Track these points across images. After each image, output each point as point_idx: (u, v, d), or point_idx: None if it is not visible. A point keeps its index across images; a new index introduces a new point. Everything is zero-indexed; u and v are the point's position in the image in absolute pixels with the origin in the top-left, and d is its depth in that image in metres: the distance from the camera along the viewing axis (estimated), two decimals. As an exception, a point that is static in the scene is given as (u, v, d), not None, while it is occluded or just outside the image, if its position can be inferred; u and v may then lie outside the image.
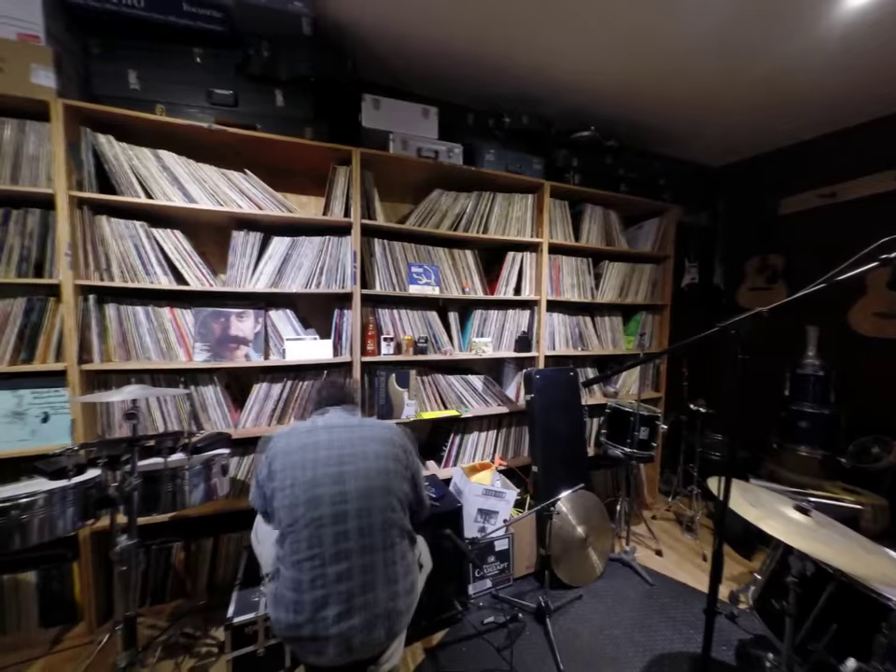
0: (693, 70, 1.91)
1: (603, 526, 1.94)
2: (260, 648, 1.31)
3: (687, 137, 2.62)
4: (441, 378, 2.05)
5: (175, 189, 1.55)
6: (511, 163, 2.06)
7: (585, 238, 2.32)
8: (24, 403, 1.43)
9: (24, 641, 1.46)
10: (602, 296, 2.40)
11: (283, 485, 0.99)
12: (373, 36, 1.74)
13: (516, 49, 1.80)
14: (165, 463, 1.28)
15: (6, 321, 1.40)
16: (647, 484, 2.64)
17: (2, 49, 1.29)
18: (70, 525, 1.16)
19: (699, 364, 2.88)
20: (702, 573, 1.96)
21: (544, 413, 2.00)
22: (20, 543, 1.07)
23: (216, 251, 1.78)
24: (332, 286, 1.79)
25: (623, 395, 2.51)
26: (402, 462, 1.10)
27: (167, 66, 1.52)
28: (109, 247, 1.50)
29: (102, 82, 1.47)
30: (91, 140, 1.44)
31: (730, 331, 0.94)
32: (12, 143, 1.36)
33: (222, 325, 1.66)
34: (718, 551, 0.94)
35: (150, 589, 1.62)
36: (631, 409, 2.08)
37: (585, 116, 2.30)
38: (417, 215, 1.93)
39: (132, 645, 1.16)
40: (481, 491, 1.79)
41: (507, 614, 1.61)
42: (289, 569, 0.95)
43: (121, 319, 1.55)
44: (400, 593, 0.99)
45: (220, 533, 1.72)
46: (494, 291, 2.14)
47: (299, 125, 1.66)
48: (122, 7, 1.42)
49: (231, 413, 1.71)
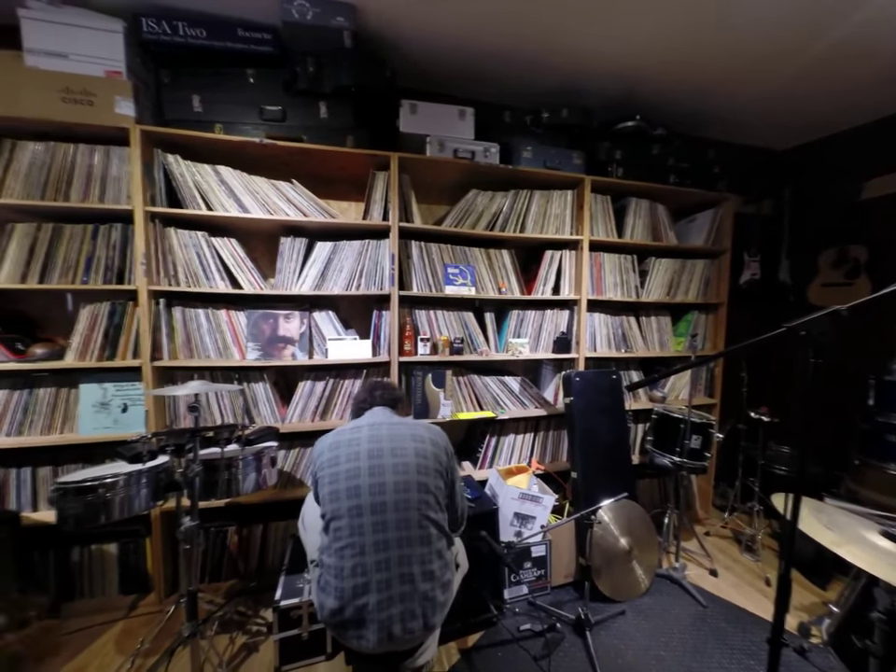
0: (755, 41, 1.73)
1: (649, 539, 1.82)
2: (304, 632, 1.39)
3: (747, 119, 2.40)
4: (477, 379, 2.04)
5: (231, 200, 1.68)
6: (549, 159, 2.01)
7: (630, 234, 2.20)
8: (108, 395, 1.62)
9: (107, 605, 1.65)
10: (648, 295, 2.27)
11: (327, 476, 1.05)
12: (410, 42, 1.78)
13: (554, 38, 1.74)
14: (222, 453, 1.39)
15: (95, 323, 1.59)
16: (699, 497, 2.45)
17: (93, 85, 1.47)
18: (144, 505, 1.30)
19: (761, 368, 2.62)
20: (765, 599, 1.78)
21: (584, 416, 1.93)
22: (105, 518, 1.22)
23: (265, 256, 1.91)
24: (371, 287, 1.84)
25: (671, 400, 2.35)
26: (443, 465, 1.11)
27: (225, 89, 1.66)
28: (176, 256, 1.66)
29: (171, 108, 1.64)
30: (161, 160, 1.60)
31: (800, 332, 0.85)
32: (100, 166, 1.56)
33: (271, 326, 1.78)
34: (785, 575, 0.85)
35: (209, 568, 1.77)
36: (681, 415, 1.94)
37: (630, 105, 2.18)
38: (453, 216, 1.94)
39: (194, 617, 1.28)
40: (517, 495, 1.75)
41: (544, 623, 1.56)
42: (332, 557, 1.00)
43: (186, 321, 1.71)
44: (437, 588, 1.01)
45: (269, 521, 1.83)
46: (531, 291, 2.09)
47: (341, 134, 1.74)
48: (188, 39, 1.58)
49: (278, 408, 1.82)
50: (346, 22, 1.60)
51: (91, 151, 1.55)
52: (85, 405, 1.60)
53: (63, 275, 1.55)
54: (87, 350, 1.59)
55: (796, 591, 1.80)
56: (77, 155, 1.54)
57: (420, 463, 1.07)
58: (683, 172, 2.23)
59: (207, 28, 1.58)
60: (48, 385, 1.60)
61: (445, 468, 1.12)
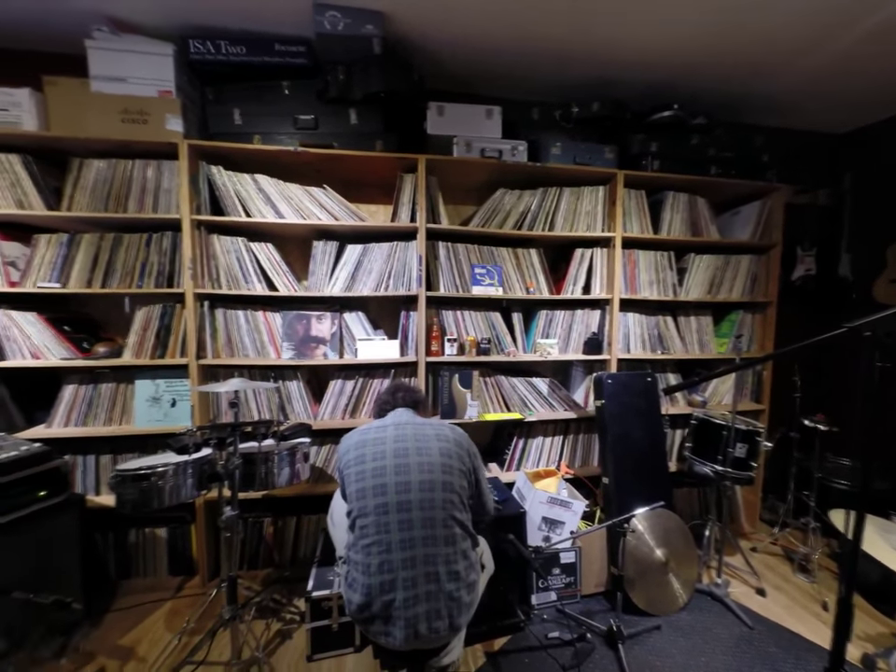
0: (807, 10, 1.59)
1: (687, 552, 1.72)
2: (335, 623, 1.43)
3: (801, 102, 2.21)
4: (505, 380, 2.02)
5: (268, 207, 1.76)
6: (579, 155, 1.95)
7: (666, 229, 2.10)
8: (160, 390, 1.75)
9: (158, 584, 1.78)
10: (686, 293, 2.14)
11: (353, 474, 1.07)
12: (437, 44, 1.79)
13: (586, 29, 1.69)
14: (259, 447, 1.47)
15: (148, 323, 1.73)
16: (745, 510, 2.28)
17: (147, 105, 1.60)
18: (190, 493, 1.40)
19: (817, 372, 2.41)
20: (821, 625, 1.63)
21: (617, 420, 1.85)
22: (157, 504, 1.32)
23: (299, 260, 1.99)
24: (399, 288, 1.87)
25: (712, 405, 2.21)
26: (467, 465, 1.12)
27: (262, 101, 1.74)
28: (219, 261, 1.77)
29: (215, 122, 1.75)
30: (206, 171, 1.71)
31: (864, 333, 0.77)
32: (153, 179, 1.69)
33: (304, 326, 1.85)
34: (846, 600, 0.77)
35: (247, 556, 1.87)
36: (724, 421, 1.82)
37: (666, 94, 2.08)
38: (481, 216, 1.93)
39: (233, 601, 1.35)
40: (546, 499, 1.72)
41: (574, 632, 1.52)
42: (359, 553, 1.02)
43: (227, 322, 1.82)
44: (462, 588, 1.01)
45: (302, 514, 1.91)
46: (560, 291, 2.04)
47: (370, 139, 1.78)
48: (230, 56, 1.68)
49: (311, 406, 1.89)
50: (375, 30, 1.64)
51: (145, 166, 1.68)
52: (140, 399, 1.74)
53: (122, 280, 1.69)
54: (141, 348, 1.73)
55: (859, 618, 1.64)
56: (134, 170, 1.67)
57: (444, 462, 1.07)
58: (726, 162, 2.10)
59: (247, 45, 1.67)
60: (108, 381, 1.75)
61: (469, 467, 1.13)
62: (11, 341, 1.65)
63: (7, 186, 1.59)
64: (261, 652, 1.39)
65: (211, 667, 1.38)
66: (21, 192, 1.60)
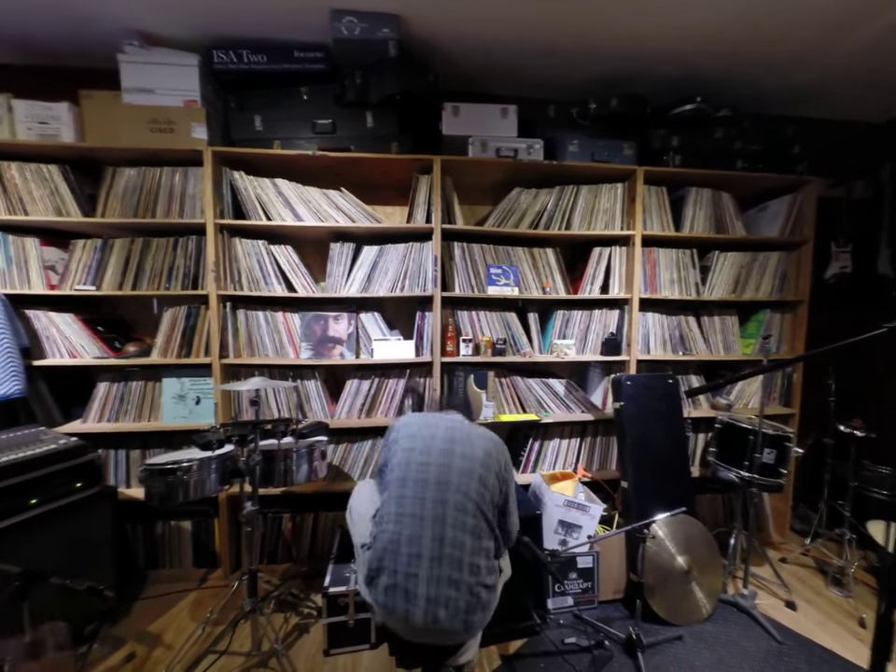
0: None
1: (711, 561, 1.66)
2: (351, 619, 1.45)
3: (837, 88, 2.10)
4: (520, 380, 2.00)
5: (287, 210, 1.81)
6: (597, 152, 1.91)
7: (689, 226, 2.03)
8: (185, 388, 1.82)
9: (183, 575, 1.85)
10: (710, 292, 2.07)
11: (401, 450, 1.13)
12: (452, 44, 1.79)
13: (603, 22, 1.65)
14: (279, 444, 1.50)
15: (175, 324, 1.80)
16: (773, 519, 2.19)
17: (174, 114, 1.67)
18: (213, 488, 1.44)
19: (853, 375, 2.28)
20: (858, 642, 1.54)
21: (636, 423, 1.81)
22: (182, 497, 1.36)
23: (317, 262, 2.03)
24: (415, 289, 1.88)
25: (738, 408, 2.12)
26: (501, 478, 1.14)
27: (282, 107, 1.79)
28: (240, 263, 1.82)
29: (237, 129, 1.80)
30: (228, 177, 1.77)
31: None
32: (179, 186, 1.75)
33: (322, 327, 1.89)
34: (886, 616, 0.73)
35: (267, 550, 1.92)
36: (750, 425, 1.75)
37: (689, 87, 2.01)
38: (496, 216, 1.92)
39: (254, 594, 1.39)
40: (562, 502, 1.69)
41: (591, 638, 1.49)
42: (391, 523, 1.05)
43: (248, 322, 1.87)
44: (480, 586, 1.01)
45: (319, 510, 1.94)
46: (577, 290, 2.01)
47: (386, 141, 1.80)
48: (252, 65, 1.73)
49: (328, 405, 1.92)
50: (391, 33, 1.65)
51: (172, 173, 1.75)
52: (167, 397, 1.81)
53: (151, 282, 1.76)
54: (168, 348, 1.80)
55: (900, 636, 1.54)
56: (162, 177, 1.74)
57: (486, 461, 1.11)
58: (753, 155, 2.01)
59: (267, 53, 1.72)
60: (138, 379, 1.83)
61: (504, 480, 1.15)
62: (51, 340, 1.75)
63: (48, 194, 1.69)
64: (280, 645, 1.42)
65: (233, 657, 1.42)
66: (59, 200, 1.70)
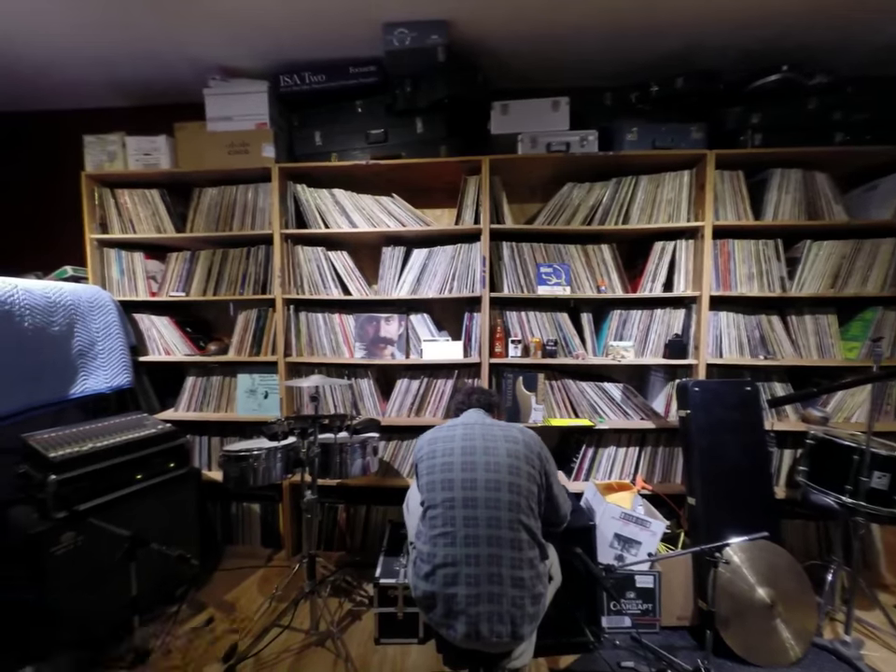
0: None
1: (801, 597, 1.45)
2: (400, 612, 1.49)
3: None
4: (573, 384, 1.91)
5: (343, 218, 1.92)
6: (659, 138, 1.77)
7: (772, 213, 1.79)
8: (255, 384, 2.01)
9: (252, 553, 2.05)
10: (800, 287, 1.81)
11: (425, 468, 1.13)
12: (501, 42, 1.77)
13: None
14: (335, 438, 1.60)
15: (247, 326, 2.00)
16: (885, 556, 1.84)
17: (248, 137, 1.86)
18: (279, 476, 1.58)
19: None
20: None
21: (706, 434, 1.63)
22: (252, 482, 1.51)
23: (370, 266, 2.12)
24: (463, 290, 1.89)
25: (836, 422, 1.83)
26: (536, 468, 1.09)
27: (339, 121, 1.90)
28: (302, 269, 1.97)
29: (300, 144, 1.95)
30: (292, 190, 1.92)
31: None
32: (251, 201, 1.95)
33: (374, 328, 1.97)
34: None
35: (324, 537, 2.05)
36: (854, 443, 1.49)
37: (771, 55, 1.77)
38: (546, 213, 1.86)
39: (312, 577, 1.49)
40: (619, 514, 1.58)
41: (652, 665, 1.37)
42: (426, 544, 1.05)
43: (308, 324, 2.02)
44: (526, 598, 0.98)
45: (371, 504, 2.03)
46: (636, 288, 1.87)
47: (435, 145, 1.83)
48: (312, 85, 1.87)
49: (379, 403, 2.01)
50: (440, 38, 1.68)
51: (245, 190, 1.95)
52: (240, 391, 2.02)
53: (228, 288, 1.98)
54: (241, 347, 2.00)
55: None
56: (237, 194, 1.95)
57: (511, 464, 1.06)
58: (858, 126, 1.73)
59: (326, 72, 1.85)
60: (217, 374, 2.07)
61: (539, 471, 1.10)
62: (152, 340, 2.04)
63: (150, 215, 1.97)
64: (336, 627, 1.50)
65: (294, 633, 1.54)
66: (158, 219, 1.98)
